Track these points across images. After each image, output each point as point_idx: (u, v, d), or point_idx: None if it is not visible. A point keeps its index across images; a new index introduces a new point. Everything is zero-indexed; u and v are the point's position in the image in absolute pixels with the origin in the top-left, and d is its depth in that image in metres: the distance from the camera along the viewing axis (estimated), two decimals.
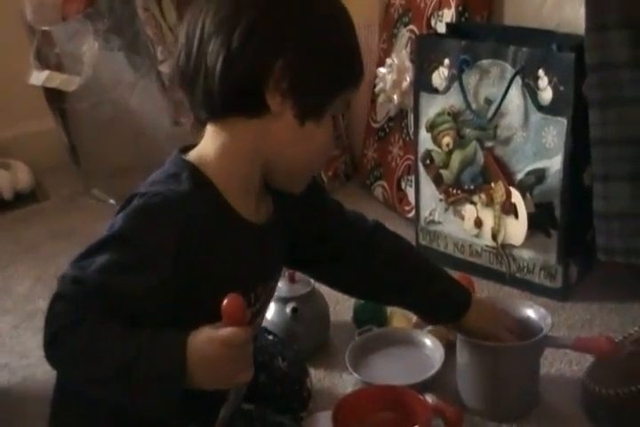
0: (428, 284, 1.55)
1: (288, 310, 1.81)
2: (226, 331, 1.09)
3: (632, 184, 1.76)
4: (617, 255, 1.83)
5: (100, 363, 1.12)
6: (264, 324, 1.76)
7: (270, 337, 1.66)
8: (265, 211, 1.32)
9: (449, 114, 2.04)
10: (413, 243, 2.22)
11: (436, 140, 2.08)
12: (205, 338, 1.11)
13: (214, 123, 1.24)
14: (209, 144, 1.25)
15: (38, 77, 2.54)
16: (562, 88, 1.82)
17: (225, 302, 1.09)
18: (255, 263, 1.30)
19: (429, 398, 1.59)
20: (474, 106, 1.98)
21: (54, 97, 2.68)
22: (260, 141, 1.22)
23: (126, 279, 1.14)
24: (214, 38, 1.18)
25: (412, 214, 2.29)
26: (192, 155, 1.26)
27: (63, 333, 1.12)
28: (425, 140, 2.10)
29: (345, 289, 1.61)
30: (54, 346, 1.14)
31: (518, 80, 1.89)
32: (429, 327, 1.83)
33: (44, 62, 2.56)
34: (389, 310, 1.92)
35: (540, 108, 1.87)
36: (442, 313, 1.58)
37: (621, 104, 1.72)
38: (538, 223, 1.95)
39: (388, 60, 2.34)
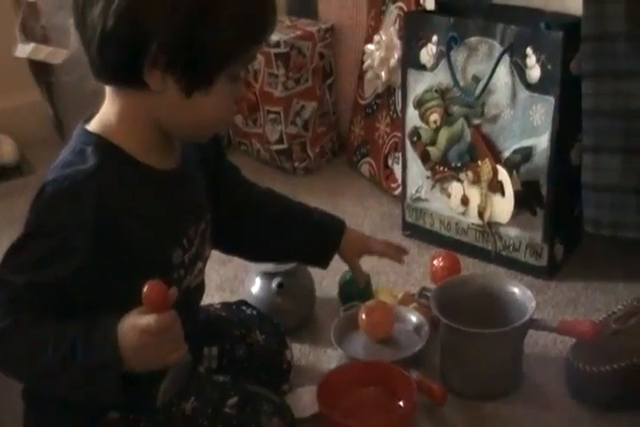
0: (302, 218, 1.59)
1: (273, 285, 1.82)
2: (146, 319, 1.12)
3: (623, 157, 1.76)
4: (604, 228, 1.84)
5: (39, 362, 1.15)
6: (245, 297, 1.77)
7: (248, 311, 1.66)
8: (176, 154, 1.32)
9: (437, 91, 2.03)
10: (399, 220, 2.23)
11: (423, 118, 2.07)
12: (129, 326, 1.13)
13: (108, 86, 1.23)
14: (109, 107, 1.24)
15: (24, 50, 2.52)
16: (550, 66, 1.82)
17: (145, 288, 1.10)
18: (178, 208, 1.31)
19: (414, 374, 1.61)
20: (462, 83, 1.97)
21: (40, 70, 2.67)
22: (150, 110, 1.22)
23: (48, 271, 1.16)
24: (95, 5, 1.13)
25: (398, 192, 2.30)
26: (96, 122, 1.25)
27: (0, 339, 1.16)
28: (412, 118, 2.10)
29: (238, 249, 1.61)
30: None
31: (506, 58, 1.89)
32: (415, 304, 1.83)
33: (29, 35, 2.53)
34: (375, 286, 1.93)
35: (528, 86, 1.87)
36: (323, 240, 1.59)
37: (615, 76, 1.72)
38: (524, 201, 1.95)
39: (376, 37, 2.33)
